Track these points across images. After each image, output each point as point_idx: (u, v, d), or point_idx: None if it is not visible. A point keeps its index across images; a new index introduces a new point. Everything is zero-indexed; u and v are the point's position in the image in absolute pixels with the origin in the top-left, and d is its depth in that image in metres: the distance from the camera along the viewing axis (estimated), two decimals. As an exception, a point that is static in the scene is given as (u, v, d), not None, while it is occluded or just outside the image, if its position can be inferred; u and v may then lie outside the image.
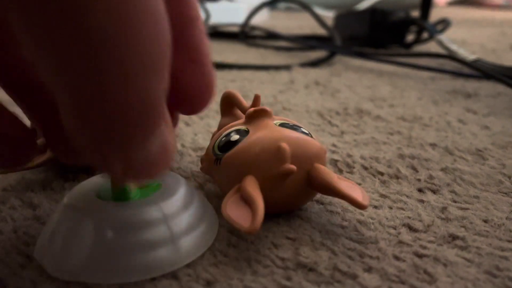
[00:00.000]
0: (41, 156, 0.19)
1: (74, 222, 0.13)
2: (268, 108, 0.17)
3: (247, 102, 0.20)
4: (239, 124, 0.18)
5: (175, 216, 0.14)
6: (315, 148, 0.16)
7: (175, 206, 0.14)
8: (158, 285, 0.13)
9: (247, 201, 0.15)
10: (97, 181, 0.15)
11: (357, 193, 0.15)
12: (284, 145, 0.15)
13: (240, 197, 0.15)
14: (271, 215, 0.17)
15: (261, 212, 0.14)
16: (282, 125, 0.17)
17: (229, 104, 0.20)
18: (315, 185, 0.16)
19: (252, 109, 0.17)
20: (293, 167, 0.15)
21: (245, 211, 0.14)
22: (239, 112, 0.20)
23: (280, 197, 0.16)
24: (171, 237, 0.13)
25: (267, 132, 0.16)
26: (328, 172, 0.16)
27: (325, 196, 0.18)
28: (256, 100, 0.19)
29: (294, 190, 0.16)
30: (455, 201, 0.18)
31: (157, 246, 0.13)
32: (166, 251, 0.13)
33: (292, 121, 0.18)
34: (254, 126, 0.17)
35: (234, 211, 0.14)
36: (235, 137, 0.17)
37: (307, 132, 0.17)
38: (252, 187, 0.15)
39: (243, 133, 0.17)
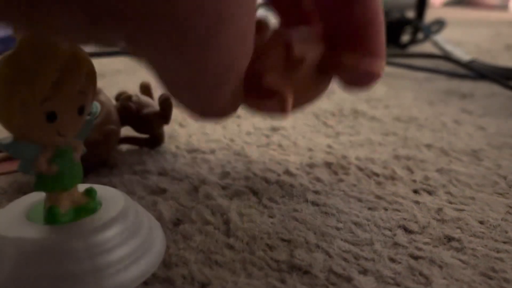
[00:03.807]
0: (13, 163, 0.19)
1: None
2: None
3: None
4: None
5: (103, 248, 0.13)
6: None
7: (104, 237, 0.13)
8: (151, 288, 0.13)
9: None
10: (30, 201, 0.14)
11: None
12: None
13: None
14: (266, 209, 0.16)
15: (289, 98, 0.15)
16: None
17: None
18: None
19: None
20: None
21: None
22: None
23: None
24: (93, 271, 0.12)
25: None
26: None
27: (320, 198, 0.18)
28: None
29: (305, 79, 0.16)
30: (450, 202, 0.18)
31: (78, 279, 0.12)
32: (88, 285, 0.12)
33: None
34: None
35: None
36: None
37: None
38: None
39: None
